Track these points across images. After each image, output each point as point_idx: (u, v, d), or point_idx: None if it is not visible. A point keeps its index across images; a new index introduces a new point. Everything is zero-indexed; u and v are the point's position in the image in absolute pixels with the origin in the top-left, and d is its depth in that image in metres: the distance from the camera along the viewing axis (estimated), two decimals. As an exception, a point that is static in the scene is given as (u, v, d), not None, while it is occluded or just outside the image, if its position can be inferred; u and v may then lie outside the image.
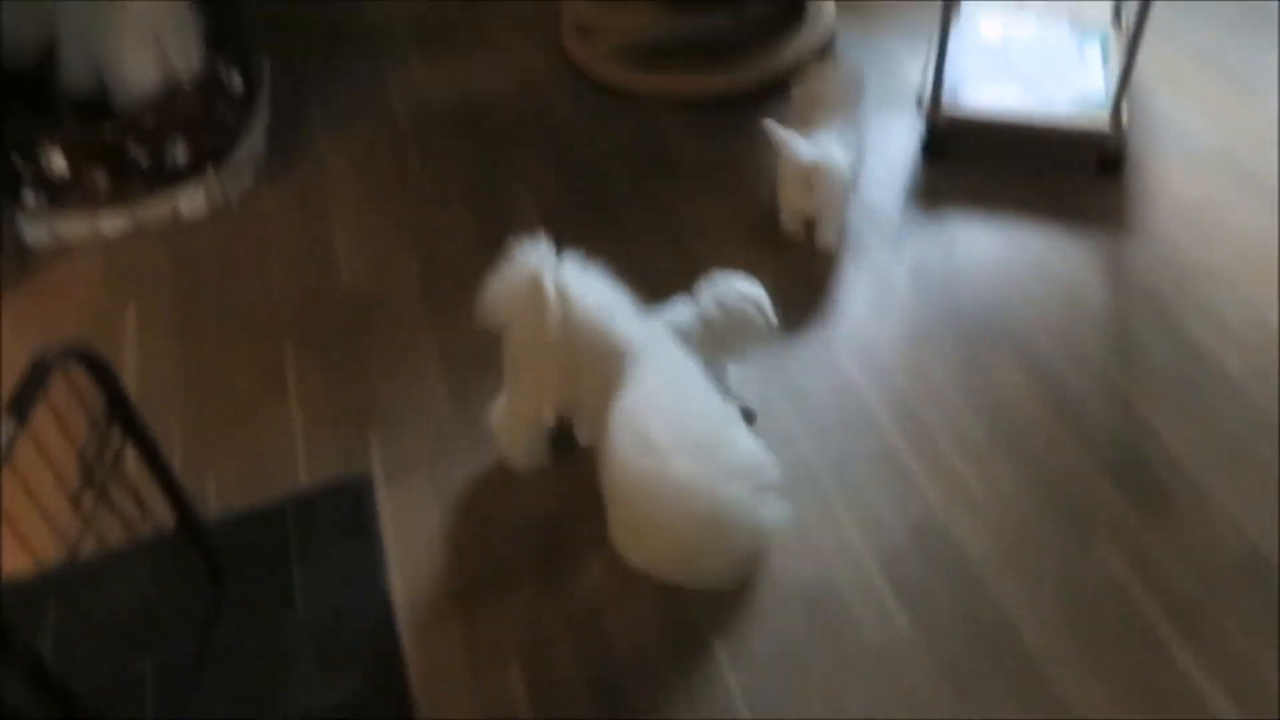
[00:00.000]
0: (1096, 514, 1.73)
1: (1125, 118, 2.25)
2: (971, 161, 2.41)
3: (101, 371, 1.36)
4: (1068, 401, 1.90)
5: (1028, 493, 1.77)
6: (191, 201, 2.40)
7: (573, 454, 1.83)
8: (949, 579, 1.66)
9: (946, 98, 2.35)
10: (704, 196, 2.39)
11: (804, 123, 2.24)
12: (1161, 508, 1.73)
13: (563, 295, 1.60)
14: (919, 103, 2.37)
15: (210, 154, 2.39)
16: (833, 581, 1.67)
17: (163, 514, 1.58)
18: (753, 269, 2.16)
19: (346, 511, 1.81)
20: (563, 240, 1.66)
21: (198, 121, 2.35)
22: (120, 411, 1.39)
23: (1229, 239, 2.18)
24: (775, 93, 2.63)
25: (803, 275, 2.18)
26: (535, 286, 1.59)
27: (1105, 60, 2.44)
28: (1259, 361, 1.94)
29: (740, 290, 1.82)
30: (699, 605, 1.66)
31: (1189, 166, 2.35)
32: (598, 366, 1.63)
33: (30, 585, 1.47)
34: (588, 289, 1.65)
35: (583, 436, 1.83)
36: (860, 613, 1.63)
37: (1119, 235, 2.21)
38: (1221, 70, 2.60)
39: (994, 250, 2.21)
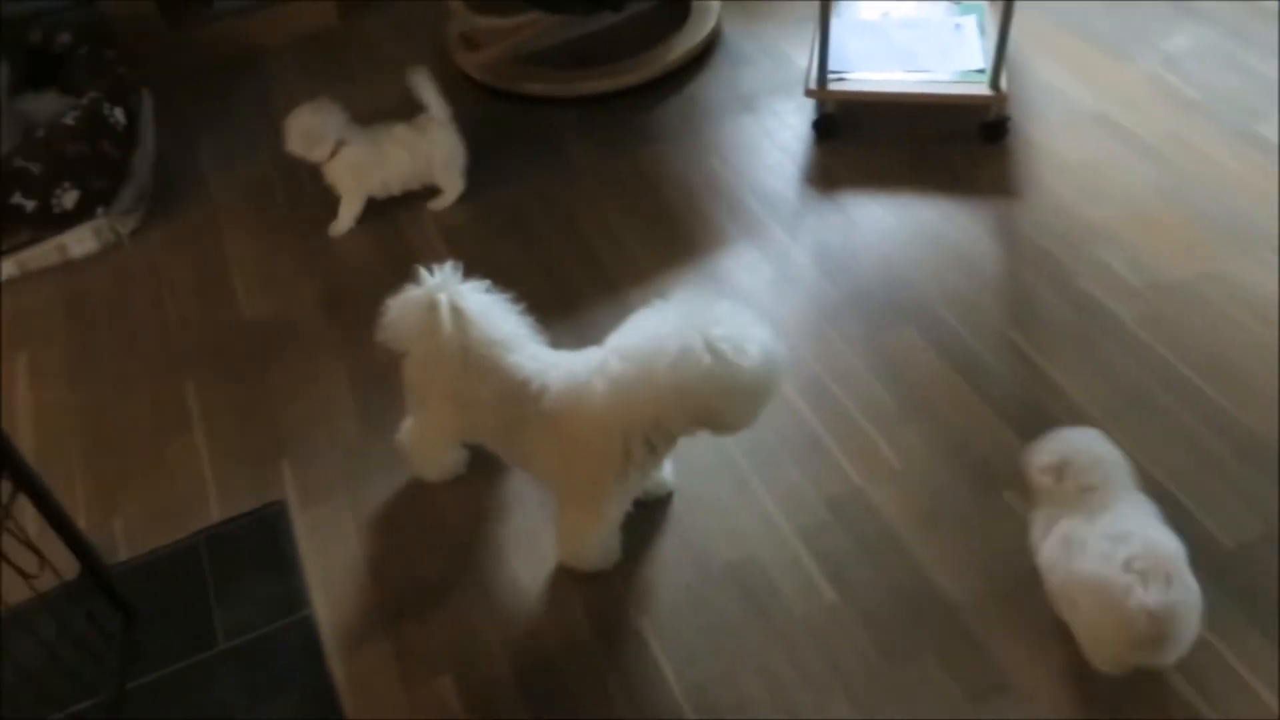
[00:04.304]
0: (1005, 468, 1.77)
1: (1004, 85, 2.32)
2: (862, 141, 2.46)
3: (-14, 423, 1.32)
4: (970, 364, 1.95)
5: (939, 455, 1.81)
6: (81, 243, 2.34)
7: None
8: (870, 546, 1.69)
9: (832, 80, 2.39)
10: (604, 196, 2.40)
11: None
12: (1067, 457, 1.78)
13: (460, 320, 1.54)
14: (806, 86, 2.41)
15: (98, 196, 2.33)
16: (758, 559, 1.68)
17: (65, 563, 1.53)
18: (656, 264, 2.20)
19: (262, 542, 1.77)
20: (468, 254, 1.63)
21: (85, 164, 2.28)
22: (8, 463, 1.35)
23: (1112, 195, 2.25)
24: (664, 88, 2.67)
25: (707, 266, 2.20)
26: (432, 309, 1.54)
27: (982, 33, 2.51)
28: (1148, 309, 2.00)
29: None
30: (626, 594, 1.66)
31: (1069, 129, 2.43)
32: (500, 402, 1.57)
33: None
34: (489, 315, 1.58)
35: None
36: (786, 586, 1.64)
37: (1008, 200, 2.27)
38: (1090, 36, 2.69)
39: (890, 224, 2.25)
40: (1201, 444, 1.77)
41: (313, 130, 2.28)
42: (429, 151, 2.34)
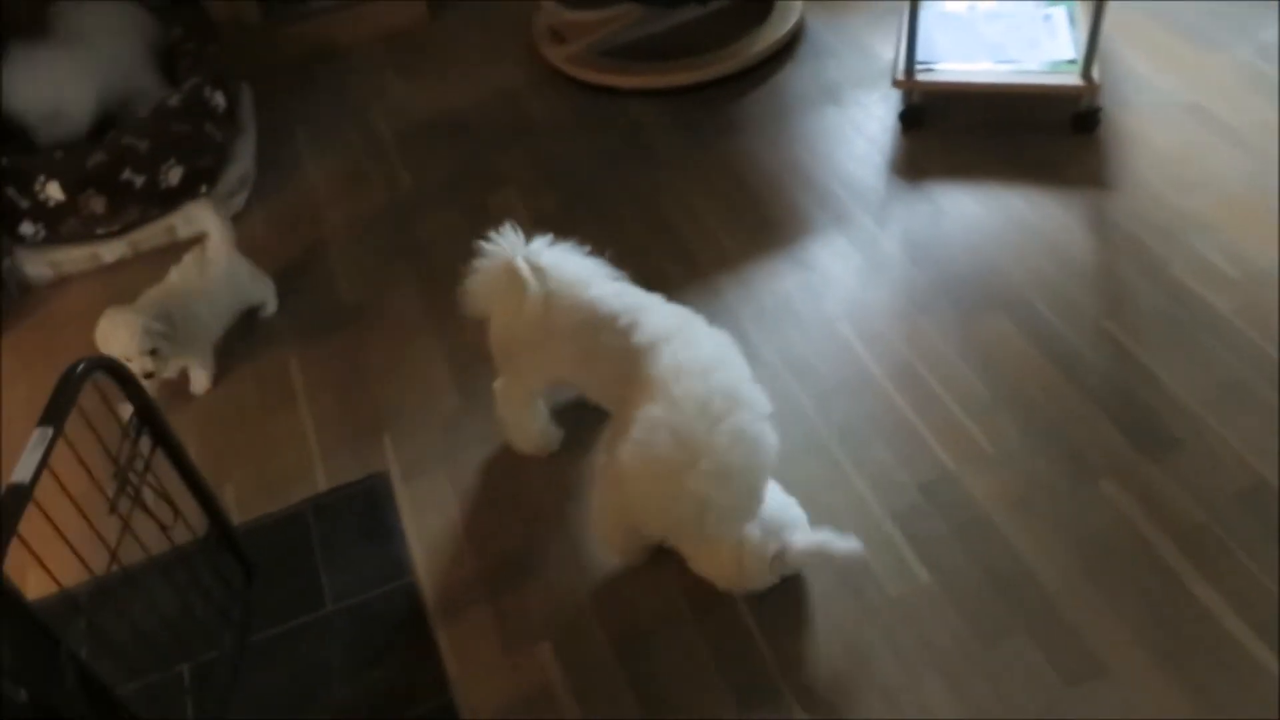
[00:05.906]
0: (1100, 457, 1.77)
1: (1097, 75, 2.31)
2: (949, 131, 2.47)
3: (127, 382, 1.39)
4: (1064, 353, 1.94)
5: (1032, 442, 1.81)
6: (189, 224, 2.43)
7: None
8: (964, 530, 1.70)
9: (920, 71, 2.40)
10: (689, 185, 2.43)
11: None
12: (1162, 445, 1.77)
13: (539, 273, 1.63)
14: (894, 78, 2.42)
15: (202, 174, 2.42)
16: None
17: (194, 519, 1.60)
18: (744, 253, 2.23)
19: (366, 511, 1.84)
20: (556, 240, 1.69)
21: (188, 143, 2.38)
22: (149, 419, 1.42)
23: (1206, 185, 2.23)
24: (749, 80, 2.69)
25: (794, 253, 2.22)
26: (511, 270, 1.63)
27: (1072, 23, 2.50)
28: (1246, 300, 1.98)
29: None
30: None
31: (1161, 119, 2.41)
32: (577, 331, 1.64)
33: (74, 593, 1.48)
34: (563, 262, 1.67)
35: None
36: (880, 567, 1.66)
37: (1100, 190, 2.26)
38: (1180, 27, 2.66)
39: (979, 214, 2.25)
40: (1302, 434, 1.76)
41: (140, 348, 1.93)
42: (229, 278, 2.14)
